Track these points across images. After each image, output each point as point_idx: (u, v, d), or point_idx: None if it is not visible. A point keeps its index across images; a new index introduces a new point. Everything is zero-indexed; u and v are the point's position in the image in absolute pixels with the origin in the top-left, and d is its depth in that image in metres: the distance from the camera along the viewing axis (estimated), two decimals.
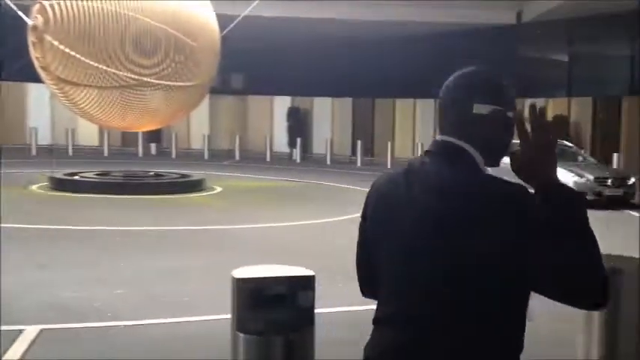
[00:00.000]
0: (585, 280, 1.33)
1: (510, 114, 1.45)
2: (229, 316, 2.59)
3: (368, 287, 1.64)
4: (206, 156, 22.83)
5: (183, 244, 8.36)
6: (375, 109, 25.33)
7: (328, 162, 22.33)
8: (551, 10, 20.60)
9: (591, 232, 1.36)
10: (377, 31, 23.62)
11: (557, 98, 21.63)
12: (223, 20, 12.03)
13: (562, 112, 20.67)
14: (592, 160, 15.00)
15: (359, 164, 22.23)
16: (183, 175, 14.80)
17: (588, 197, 11.77)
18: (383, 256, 1.52)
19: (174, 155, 22.55)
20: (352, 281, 1.79)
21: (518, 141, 1.42)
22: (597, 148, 18.76)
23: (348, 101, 25.51)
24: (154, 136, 21.86)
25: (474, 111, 1.43)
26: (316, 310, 2.61)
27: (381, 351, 1.51)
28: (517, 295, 1.41)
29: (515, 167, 1.41)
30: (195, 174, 14.89)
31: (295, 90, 24.94)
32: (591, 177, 12.84)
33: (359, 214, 1.67)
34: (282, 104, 25.41)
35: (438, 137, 1.51)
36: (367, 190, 1.65)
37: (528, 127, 1.39)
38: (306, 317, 2.56)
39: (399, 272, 1.48)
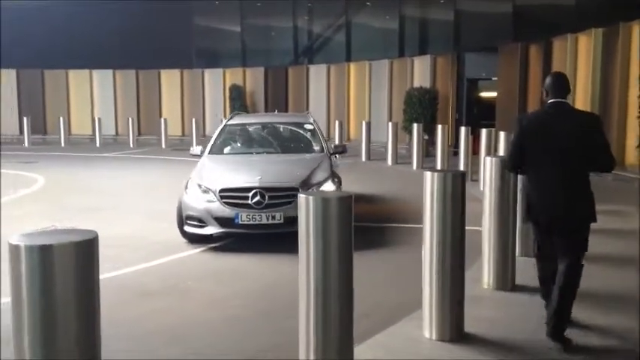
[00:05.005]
0: (610, 159, 3.75)
1: None
2: None
3: (517, 167, 4.00)
4: None
5: None
6: (45, 82, 23.01)
7: None
8: None
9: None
10: None
11: (233, 68, 22.45)
12: None
13: (238, 82, 21.60)
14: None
15: (27, 144, 20.09)
16: None
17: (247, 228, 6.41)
18: (534, 149, 3.81)
19: None
20: None
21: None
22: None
23: (11, 73, 22.71)
24: None
25: (570, 89, 3.96)
26: None
27: (534, 198, 3.86)
28: (589, 163, 3.78)
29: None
30: None
31: None
32: (217, 188, 6.53)
33: None
34: None
35: (553, 100, 3.84)
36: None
37: None
38: None
39: (545, 157, 3.77)
